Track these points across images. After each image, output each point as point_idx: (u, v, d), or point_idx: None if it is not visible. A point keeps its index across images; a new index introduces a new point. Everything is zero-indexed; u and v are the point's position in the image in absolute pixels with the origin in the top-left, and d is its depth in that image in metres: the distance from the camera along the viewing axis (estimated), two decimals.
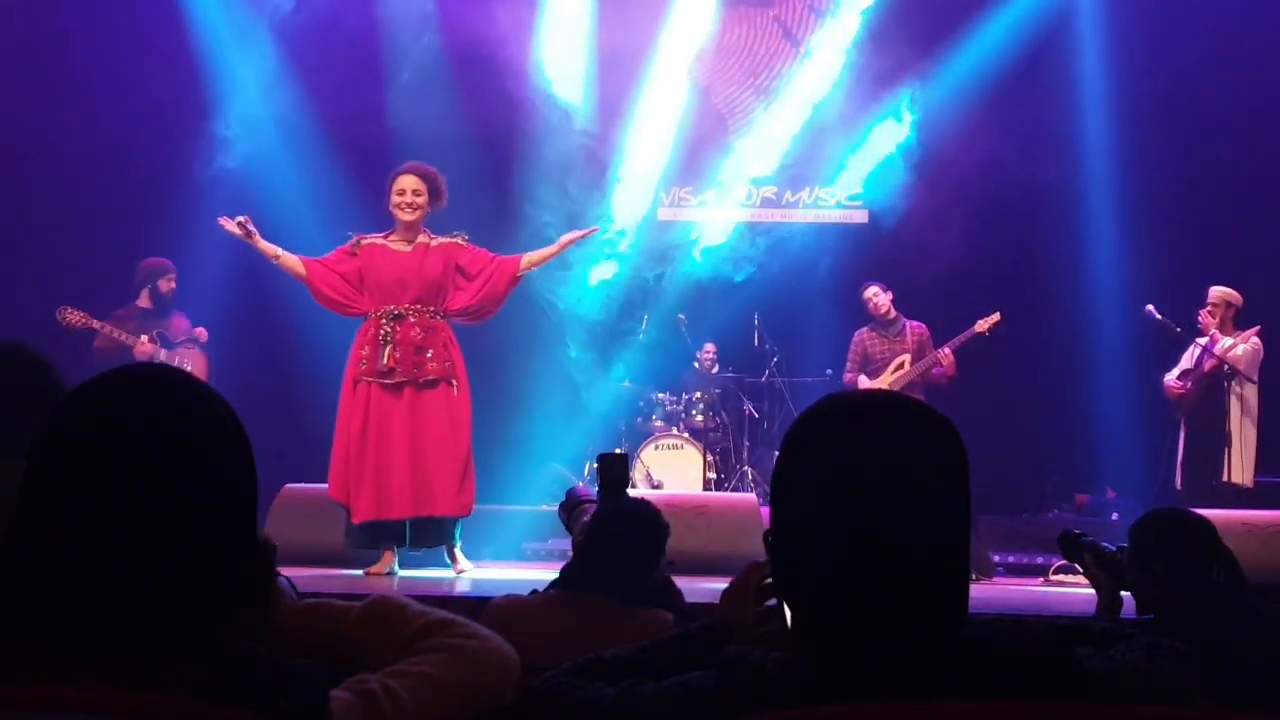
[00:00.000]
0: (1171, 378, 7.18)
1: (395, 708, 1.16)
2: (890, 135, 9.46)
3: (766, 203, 9.97)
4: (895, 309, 7.33)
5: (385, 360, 5.21)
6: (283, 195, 8.67)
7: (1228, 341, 6.94)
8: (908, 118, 9.36)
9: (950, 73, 9.21)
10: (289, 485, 6.21)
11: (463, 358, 5.43)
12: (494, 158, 8.84)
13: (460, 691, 1.23)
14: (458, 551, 5.45)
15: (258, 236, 5.34)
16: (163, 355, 6.93)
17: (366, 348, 5.27)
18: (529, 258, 5.57)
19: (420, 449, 5.21)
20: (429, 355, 5.26)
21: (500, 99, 9.03)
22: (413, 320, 5.28)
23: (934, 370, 7.11)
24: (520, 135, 9.19)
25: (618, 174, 9.57)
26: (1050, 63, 9.18)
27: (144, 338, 6.89)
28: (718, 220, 9.85)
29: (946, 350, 7.10)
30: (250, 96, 8.81)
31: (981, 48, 9.15)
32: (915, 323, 7.31)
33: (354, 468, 5.20)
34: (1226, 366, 6.88)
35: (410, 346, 5.24)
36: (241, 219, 5.31)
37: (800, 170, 9.77)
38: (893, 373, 7.17)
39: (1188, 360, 7.16)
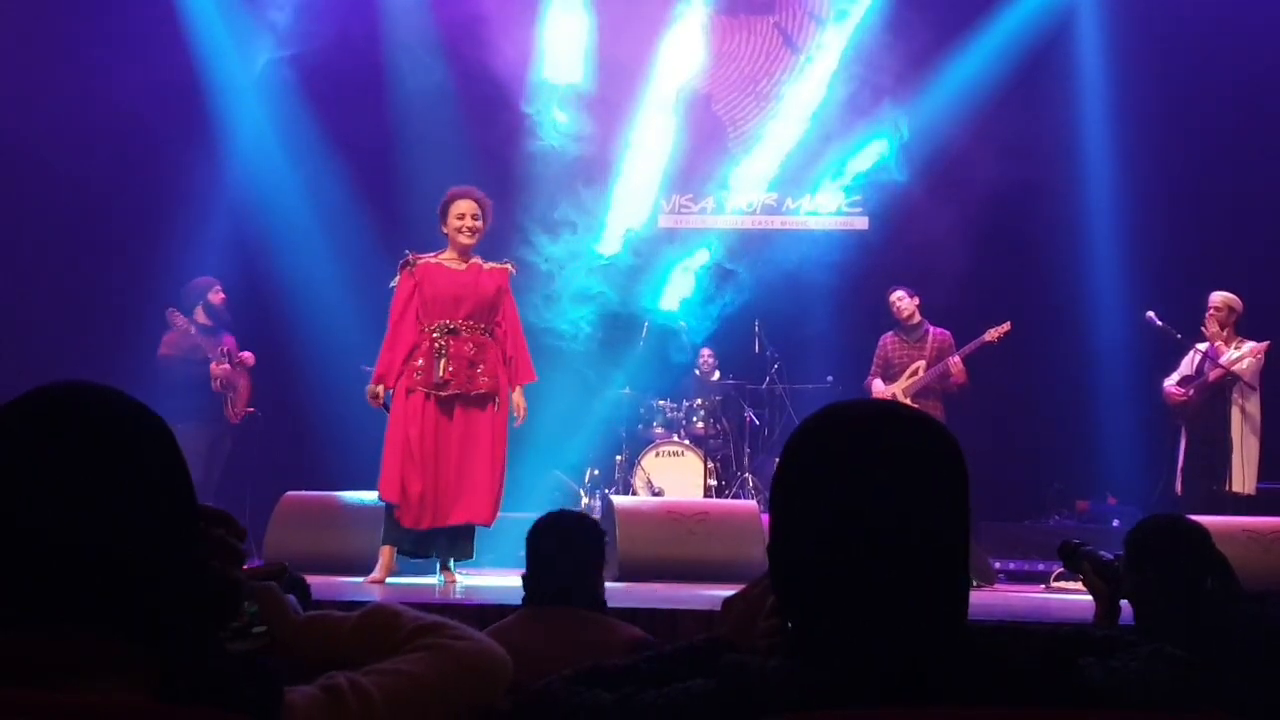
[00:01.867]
0: (1171, 383, 7.17)
1: (362, 704, 1.16)
2: (890, 141, 9.47)
3: (767, 209, 9.98)
4: (920, 314, 7.36)
5: (441, 373, 5.32)
6: (283, 200, 8.69)
7: (1234, 353, 6.94)
8: (908, 124, 9.37)
9: (951, 79, 9.22)
10: (289, 493, 6.21)
11: (508, 378, 5.53)
12: (494, 164, 8.85)
13: (442, 691, 1.22)
14: (451, 564, 5.49)
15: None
16: (230, 374, 7.06)
17: (421, 359, 5.37)
18: (518, 395, 5.55)
19: (470, 462, 5.35)
20: (480, 370, 5.38)
21: (501, 105, 9.05)
22: (465, 335, 5.39)
23: (949, 378, 7.14)
24: (521, 142, 9.20)
25: (618, 181, 9.58)
26: (1051, 69, 9.19)
27: (218, 351, 7.04)
28: (718, 227, 9.86)
29: (956, 358, 7.12)
30: (251, 106, 8.83)
31: (982, 53, 9.16)
32: (939, 329, 7.33)
33: (408, 473, 5.29)
34: (1229, 375, 6.88)
35: (464, 360, 5.36)
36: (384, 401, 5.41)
37: (801, 176, 9.78)
38: (908, 378, 7.21)
39: (1187, 366, 7.15)
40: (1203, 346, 7.06)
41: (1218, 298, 7.07)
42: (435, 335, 5.37)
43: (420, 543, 5.40)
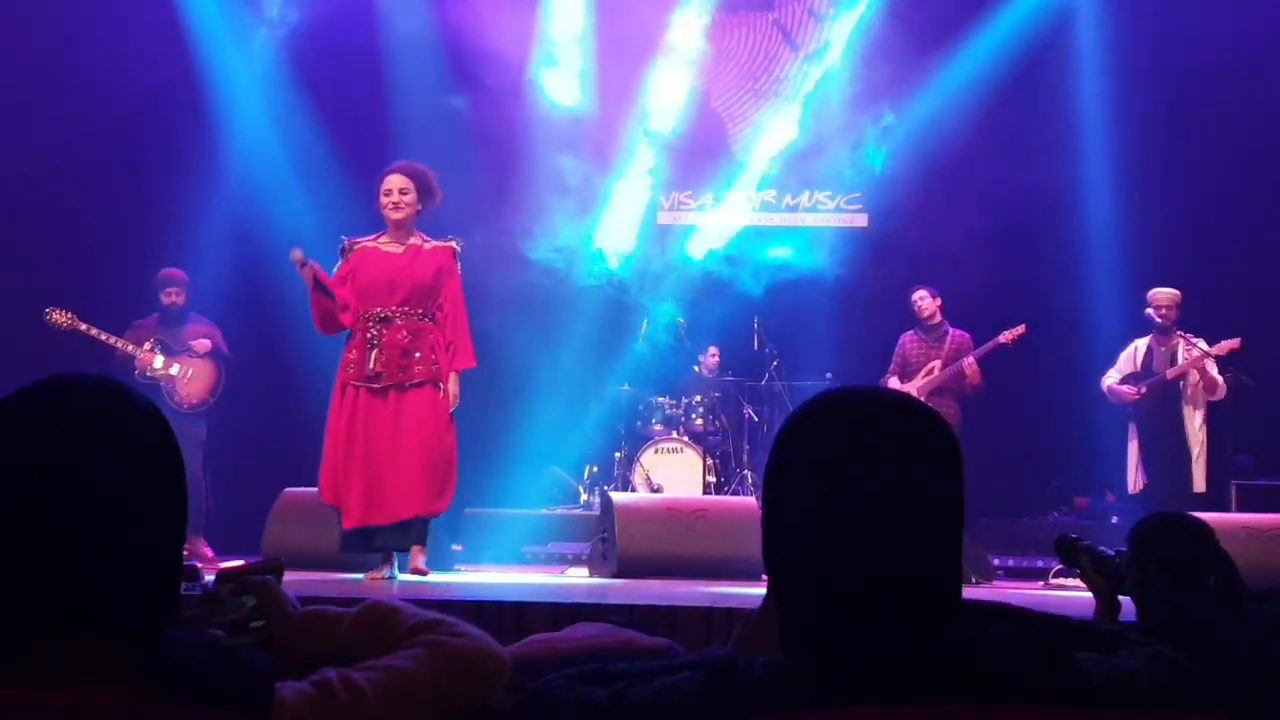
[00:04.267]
0: (1113, 381, 7.18)
1: (354, 700, 1.16)
2: (890, 138, 9.47)
3: (766, 206, 9.98)
4: (941, 315, 7.43)
5: (372, 364, 5.10)
6: (282, 199, 8.68)
7: (1183, 352, 6.96)
8: (908, 121, 9.36)
9: (951, 76, 9.21)
10: (288, 490, 6.20)
11: (448, 365, 5.27)
12: (493, 163, 8.84)
13: (437, 688, 1.22)
14: (421, 556, 5.24)
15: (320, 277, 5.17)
16: (159, 363, 7.02)
17: (354, 351, 5.17)
18: (453, 380, 5.20)
19: (405, 452, 5.11)
20: (416, 357, 5.16)
21: (499, 103, 9.03)
22: (400, 323, 5.15)
23: (964, 379, 7.19)
24: (519, 141, 9.19)
25: (616, 178, 9.57)
26: (1050, 66, 9.18)
27: (147, 345, 7.03)
28: (717, 224, 9.85)
29: (970, 359, 7.19)
30: (250, 102, 8.82)
31: (982, 51, 9.15)
32: (959, 331, 7.43)
33: (343, 472, 5.11)
34: (1199, 370, 6.88)
35: (396, 350, 5.12)
36: (307, 264, 5.13)
37: (799, 174, 9.77)
38: (923, 377, 7.30)
39: (1129, 363, 7.18)
40: (1141, 342, 7.11)
41: (1167, 295, 7.08)
42: (369, 324, 5.14)
43: (369, 540, 5.15)
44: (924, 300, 7.44)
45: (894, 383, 7.35)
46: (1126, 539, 2.49)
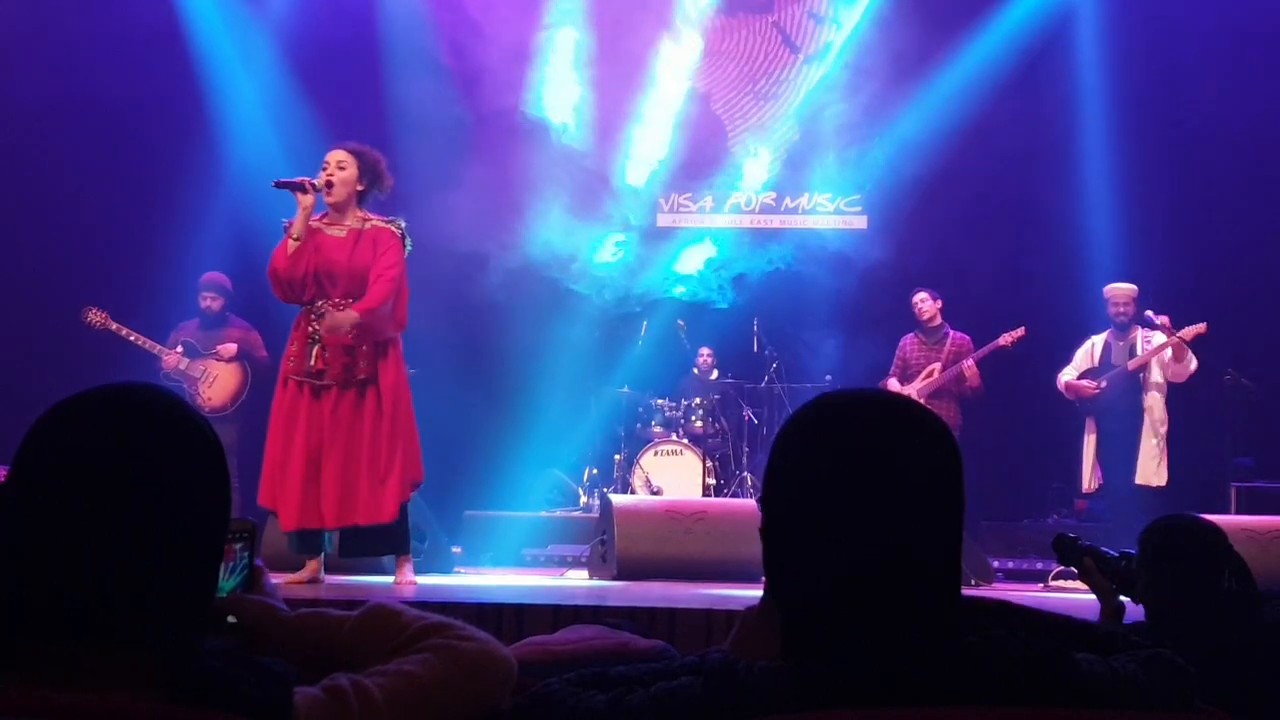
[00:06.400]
0: (1070, 377, 7.15)
1: (365, 706, 1.15)
2: (891, 141, 9.47)
3: (765, 209, 9.97)
4: (942, 317, 7.44)
5: (313, 361, 4.77)
6: (282, 199, 8.68)
7: (1148, 342, 6.94)
8: (908, 122, 9.36)
9: (950, 77, 9.21)
10: None
11: (401, 356, 4.93)
12: (492, 166, 8.83)
13: (444, 693, 1.22)
14: (406, 566, 4.98)
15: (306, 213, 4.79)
16: (184, 365, 7.18)
17: (295, 345, 4.84)
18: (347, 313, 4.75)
19: (348, 454, 4.77)
20: (362, 350, 4.79)
21: (500, 107, 9.03)
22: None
23: (964, 381, 7.21)
24: (519, 143, 9.19)
25: (617, 181, 9.57)
26: (1051, 68, 9.18)
27: (179, 349, 7.21)
28: (717, 226, 9.86)
29: (970, 361, 7.20)
30: (251, 104, 8.82)
31: (983, 52, 9.15)
32: (959, 333, 7.44)
33: (280, 472, 4.78)
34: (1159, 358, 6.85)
35: (339, 346, 4.76)
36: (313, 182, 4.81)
37: (800, 176, 9.77)
38: (923, 379, 7.31)
39: (1086, 359, 7.15)
40: (1098, 339, 7.09)
41: (1124, 291, 7.05)
42: (310, 318, 4.80)
43: (307, 543, 4.85)
44: (925, 302, 7.45)
45: (894, 385, 7.35)
46: (1137, 542, 2.48)
